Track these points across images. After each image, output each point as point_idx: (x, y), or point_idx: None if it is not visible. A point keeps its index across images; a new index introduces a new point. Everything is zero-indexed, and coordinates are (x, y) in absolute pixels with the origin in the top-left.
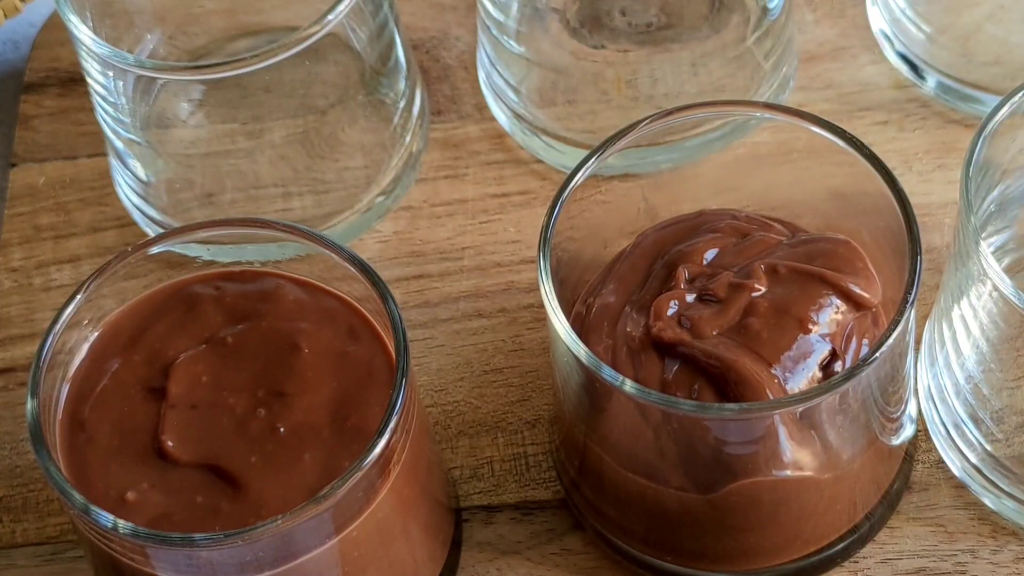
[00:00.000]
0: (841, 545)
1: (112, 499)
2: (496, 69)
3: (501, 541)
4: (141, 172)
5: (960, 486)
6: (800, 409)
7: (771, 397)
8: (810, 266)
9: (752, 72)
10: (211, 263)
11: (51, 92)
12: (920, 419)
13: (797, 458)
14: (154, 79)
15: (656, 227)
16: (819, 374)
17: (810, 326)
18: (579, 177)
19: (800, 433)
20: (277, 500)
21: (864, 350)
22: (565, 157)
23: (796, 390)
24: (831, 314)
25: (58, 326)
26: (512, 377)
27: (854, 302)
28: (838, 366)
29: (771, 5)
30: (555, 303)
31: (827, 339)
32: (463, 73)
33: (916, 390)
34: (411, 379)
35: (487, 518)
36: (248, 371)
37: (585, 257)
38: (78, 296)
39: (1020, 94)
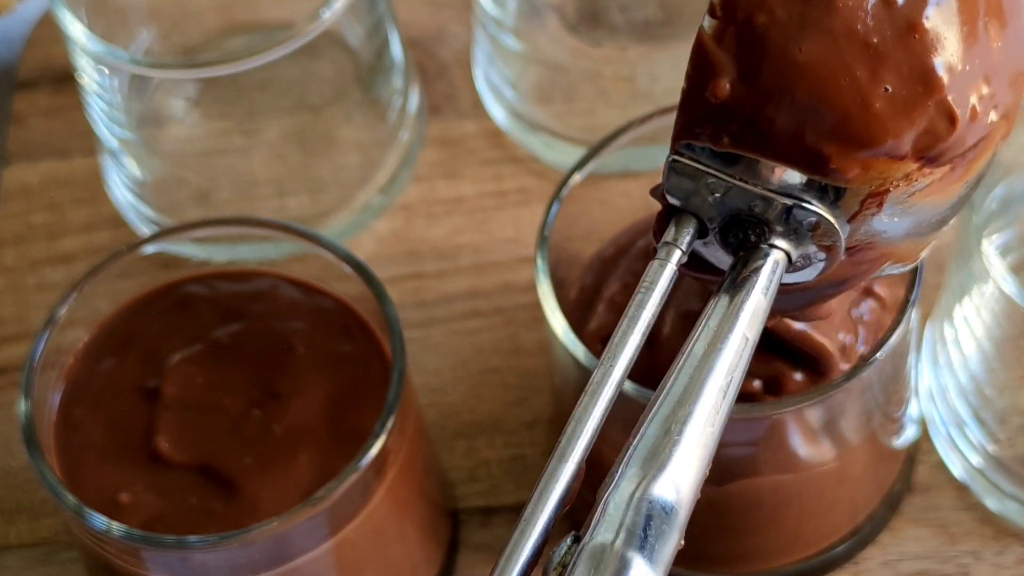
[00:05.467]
0: (842, 547)
1: (105, 501)
2: (493, 66)
3: (498, 543)
4: (135, 170)
5: (962, 488)
6: (800, 410)
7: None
8: None
9: None
10: (206, 262)
11: (45, 90)
12: (922, 420)
13: (798, 459)
14: (149, 77)
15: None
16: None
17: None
18: (577, 175)
19: (801, 434)
20: (272, 502)
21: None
22: (563, 155)
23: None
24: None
25: (52, 326)
26: (510, 377)
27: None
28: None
29: None
30: (553, 302)
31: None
32: (460, 70)
33: (918, 391)
34: (407, 379)
35: (484, 520)
36: (243, 372)
37: (583, 256)
38: (72, 296)
39: None
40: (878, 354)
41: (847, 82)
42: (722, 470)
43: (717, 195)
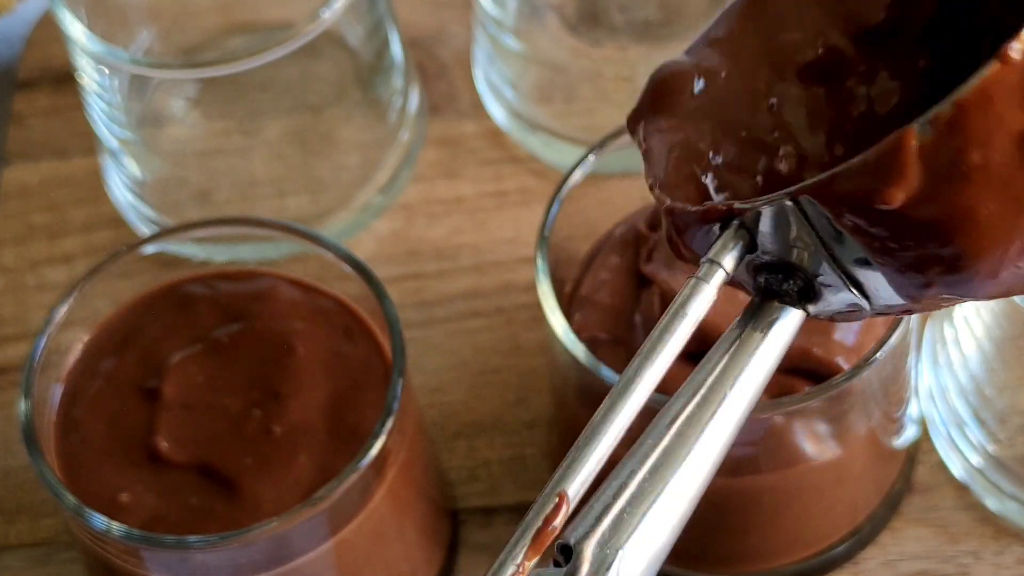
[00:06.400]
0: (842, 547)
1: (105, 501)
2: (493, 66)
3: (498, 543)
4: (135, 170)
5: (962, 488)
6: (800, 410)
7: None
8: None
9: None
10: (206, 262)
11: (44, 90)
12: (922, 420)
13: (797, 459)
14: (149, 77)
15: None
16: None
17: None
18: (577, 175)
19: (801, 434)
20: (272, 502)
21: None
22: (563, 155)
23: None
24: None
25: (51, 326)
26: (510, 377)
27: None
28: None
29: None
30: (553, 303)
31: None
32: (460, 70)
33: (918, 391)
34: (407, 379)
35: (484, 520)
36: (243, 371)
37: (583, 256)
38: (72, 296)
39: None
40: (878, 354)
41: (999, 255)
42: (721, 471)
43: (793, 247)
